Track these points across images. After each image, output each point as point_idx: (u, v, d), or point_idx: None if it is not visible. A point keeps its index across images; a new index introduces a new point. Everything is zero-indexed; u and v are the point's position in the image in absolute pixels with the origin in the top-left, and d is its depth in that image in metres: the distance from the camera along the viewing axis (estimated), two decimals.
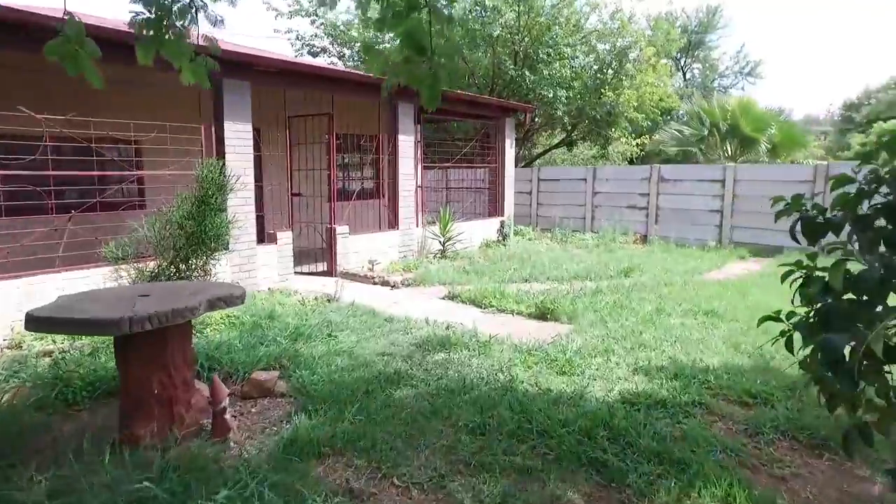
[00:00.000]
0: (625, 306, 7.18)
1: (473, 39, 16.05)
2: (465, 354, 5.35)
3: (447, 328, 6.28)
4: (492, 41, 15.47)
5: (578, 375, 4.83)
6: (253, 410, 4.11)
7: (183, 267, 6.32)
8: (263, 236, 8.43)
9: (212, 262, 6.51)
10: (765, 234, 12.52)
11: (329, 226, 9.22)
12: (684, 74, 29.92)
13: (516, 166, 15.38)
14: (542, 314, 6.86)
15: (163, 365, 3.49)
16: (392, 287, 8.58)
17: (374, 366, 4.97)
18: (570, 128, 18.11)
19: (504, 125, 12.96)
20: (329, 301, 7.50)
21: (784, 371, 4.89)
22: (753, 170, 12.99)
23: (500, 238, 12.49)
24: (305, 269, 9.61)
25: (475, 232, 12.24)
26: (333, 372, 4.77)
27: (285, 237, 8.46)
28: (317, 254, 9.61)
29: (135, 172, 7.00)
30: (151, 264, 6.16)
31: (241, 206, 7.80)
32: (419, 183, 11.11)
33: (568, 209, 15.62)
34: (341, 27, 19.13)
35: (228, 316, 6.31)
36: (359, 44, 19.47)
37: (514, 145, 13.57)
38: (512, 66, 15.72)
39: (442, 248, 10.68)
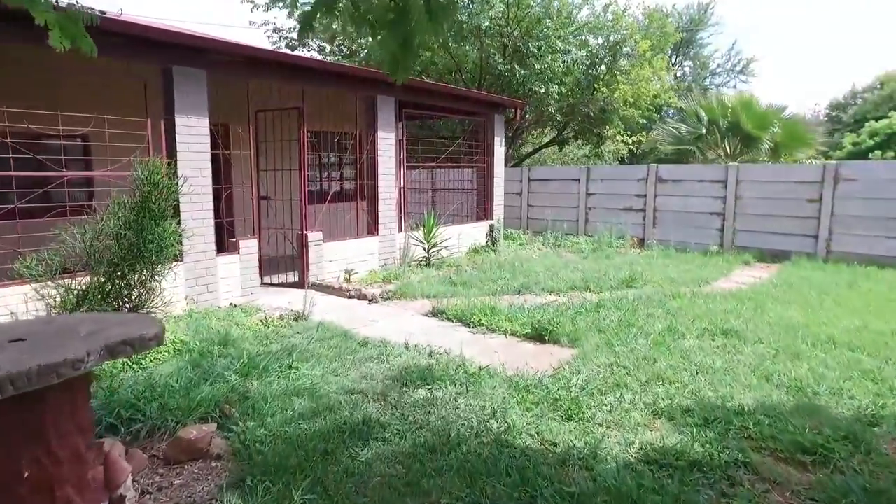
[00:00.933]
0: (632, 324, 6.34)
1: (460, 32, 15.18)
2: (450, 392, 4.47)
3: (430, 355, 5.40)
4: (480, 33, 14.60)
5: (588, 421, 3.97)
6: (176, 482, 3.19)
7: (121, 284, 5.39)
8: (226, 245, 7.48)
9: (158, 277, 5.58)
10: (770, 238, 11.79)
11: (300, 232, 8.30)
12: (675, 73, 29.28)
13: (505, 166, 14.54)
14: (540, 335, 6.00)
15: (37, 436, 2.56)
16: (370, 301, 7.68)
17: (339, 410, 4.07)
18: (561, 125, 17.31)
19: (493, 122, 12.09)
20: (296, 320, 6.58)
21: (835, 413, 4.07)
22: (757, 170, 12.24)
23: (490, 243, 11.63)
24: (275, 279, 8.68)
25: (463, 237, 11.37)
26: (288, 421, 3.86)
27: (249, 246, 7.53)
28: (288, 263, 8.69)
29: (63, 174, 6.02)
30: (85, 281, 5.22)
31: (195, 211, 6.86)
32: (402, 184, 10.22)
33: (560, 211, 14.80)
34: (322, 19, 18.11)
35: (174, 342, 5.37)
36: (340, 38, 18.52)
37: (503, 143, 12.73)
38: (501, 61, 14.87)
39: (426, 255, 9.80)
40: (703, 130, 15.51)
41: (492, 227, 11.64)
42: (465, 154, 12.17)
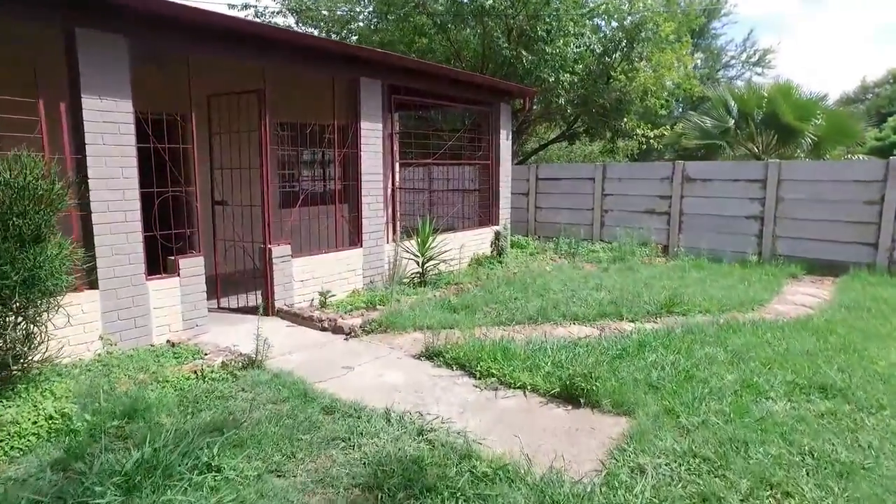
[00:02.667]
0: (692, 375, 4.73)
1: (460, 13, 13.53)
2: None
3: (420, 434, 3.79)
4: (482, 14, 12.95)
5: None
6: None
7: None
8: (162, 265, 5.85)
9: (40, 317, 3.97)
10: (819, 246, 10.17)
11: (263, 245, 6.66)
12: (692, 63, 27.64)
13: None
14: (572, 394, 4.39)
15: None
16: (347, 335, 6.05)
17: None
18: (571, 119, 15.65)
19: (499, 113, 10.46)
20: (245, 367, 4.96)
21: None
22: (804, 167, 10.61)
23: (496, 253, 10.01)
24: (234, 302, 7.05)
25: (464, 246, 9.74)
26: None
27: (194, 265, 5.89)
28: (251, 280, 7.06)
29: None
30: None
31: (115, 223, 5.23)
32: (394, 185, 8.58)
33: (572, 214, 13.16)
34: (308, 2, 16.49)
35: (52, 418, 3.75)
36: (328, 23, 16.86)
37: (510, 137, 11.09)
38: (506, 45, 13.22)
39: (421, 270, 8.18)
40: (731, 123, 13.89)
41: (497, 234, 10.03)
42: (466, 150, 10.55)
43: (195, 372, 4.72)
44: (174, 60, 5.96)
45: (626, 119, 14.37)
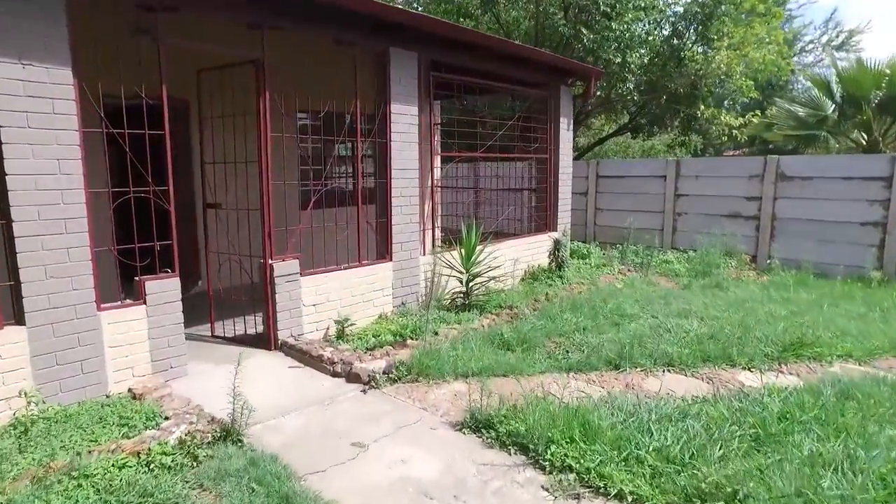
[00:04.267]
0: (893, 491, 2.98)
1: None
2: None
3: None
4: None
5: None
6: None
7: None
8: (120, 289, 4.44)
9: None
10: None
11: (262, 260, 5.20)
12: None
13: None
14: None
15: None
16: (366, 385, 4.52)
17: None
18: (636, 108, 13.73)
19: (558, 98, 8.76)
20: (217, 440, 3.49)
21: None
22: None
23: (555, 265, 8.32)
24: (230, 329, 5.63)
25: (516, 256, 8.11)
26: None
27: (164, 289, 4.47)
28: (255, 300, 5.60)
29: None
30: None
31: (51, 235, 3.84)
32: (432, 183, 7.03)
33: (639, 217, 11.28)
34: None
35: None
36: None
37: (571, 127, 9.37)
38: (563, 22, 11.46)
39: (465, 289, 6.57)
40: (829, 110, 11.76)
41: (557, 242, 8.34)
42: (518, 142, 8.89)
43: (138, 454, 3.26)
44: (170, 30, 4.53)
45: (702, 107, 12.37)
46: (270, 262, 5.18)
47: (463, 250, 6.62)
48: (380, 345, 5.21)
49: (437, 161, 7.18)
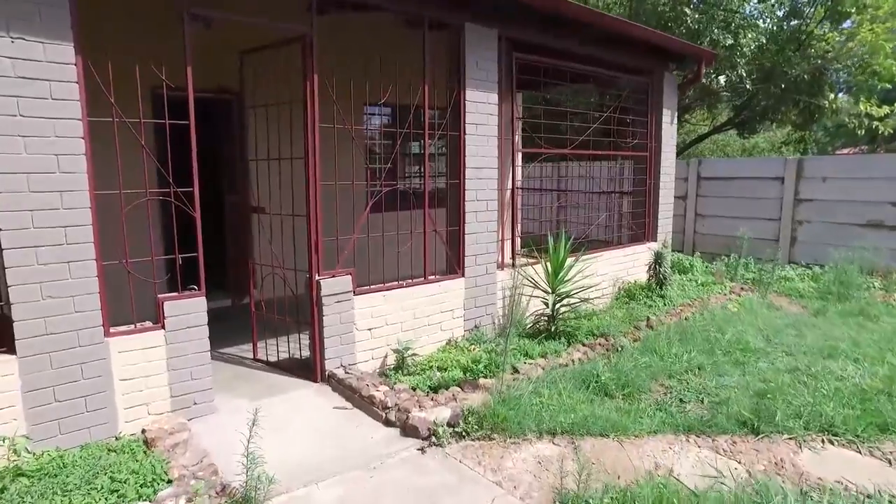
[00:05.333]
0: None
1: None
2: None
3: None
4: None
5: None
6: None
7: None
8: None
9: None
10: None
11: (309, 275, 4.36)
12: None
13: None
14: None
15: None
16: (425, 442, 3.55)
17: None
18: (748, 97, 11.99)
19: (661, 85, 7.48)
20: None
21: None
22: None
23: (655, 282, 7.05)
24: (275, 351, 4.84)
25: (608, 271, 6.92)
26: None
27: (187, 310, 3.71)
28: (300, 321, 4.77)
29: None
30: None
31: (47, 246, 3.15)
32: (513, 185, 6.01)
33: (747, 225, 9.66)
34: None
35: None
36: None
37: (675, 120, 8.04)
38: (664, 0, 10.08)
39: (551, 312, 5.48)
40: None
41: (659, 256, 7.05)
42: (611, 138, 7.67)
43: None
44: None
45: (831, 95, 10.54)
46: (317, 277, 4.33)
47: (549, 265, 5.54)
48: (445, 383, 4.24)
49: (518, 158, 6.13)
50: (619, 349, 5.07)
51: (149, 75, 3.53)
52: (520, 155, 6.06)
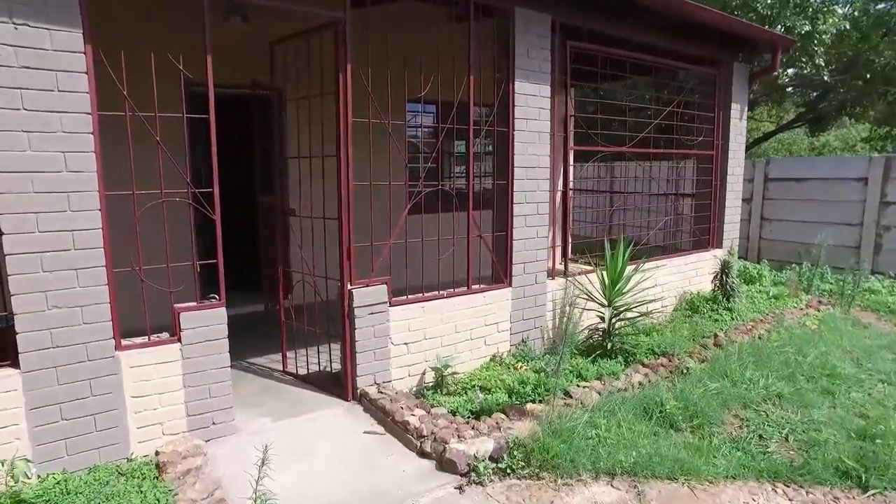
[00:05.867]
0: None
1: None
2: None
3: None
4: None
5: None
6: None
7: None
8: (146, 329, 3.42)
9: None
10: None
11: (340, 285, 3.99)
12: None
13: None
14: None
15: None
16: (462, 480, 3.11)
17: None
18: (827, 88, 11.00)
19: (730, 77, 6.81)
20: None
21: None
22: None
23: (721, 293, 6.39)
24: (304, 363, 4.51)
25: (668, 280, 6.33)
26: None
27: (205, 321, 3.40)
28: (331, 331, 4.41)
29: None
30: None
31: (52, 252, 2.88)
32: (565, 186, 5.52)
33: (822, 231, 8.80)
34: None
35: None
36: None
37: (745, 116, 7.32)
38: None
39: (606, 327, 4.94)
40: None
41: (726, 265, 6.38)
42: (671, 135, 7.04)
43: None
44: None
45: None
46: (349, 287, 3.97)
47: (605, 274, 5.01)
48: (489, 408, 3.79)
49: (570, 157, 5.62)
50: (685, 371, 4.50)
51: (186, 70, 3.27)
52: (571, 152, 5.54)
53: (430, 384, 4.34)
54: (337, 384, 4.21)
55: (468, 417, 3.72)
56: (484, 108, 4.81)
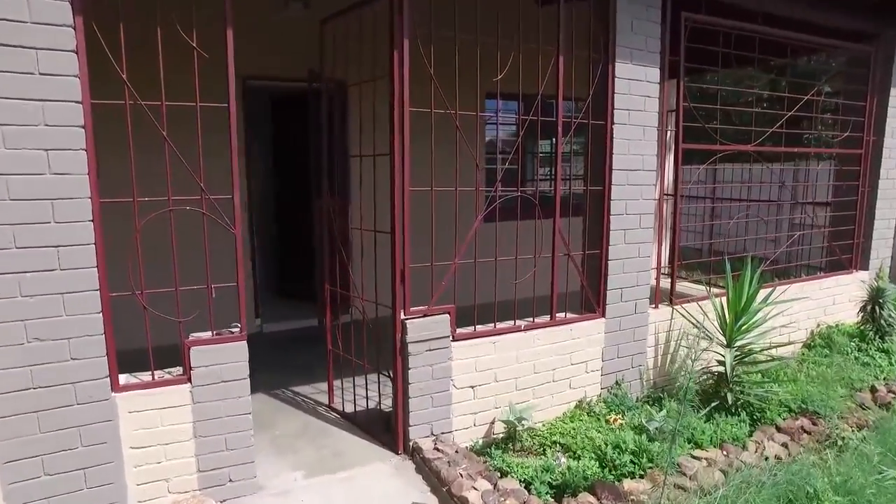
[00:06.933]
0: None
1: None
2: None
3: None
4: None
5: None
6: None
7: None
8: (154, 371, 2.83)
9: None
10: None
11: (394, 313, 3.25)
12: None
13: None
14: None
15: None
16: None
17: None
18: None
19: (889, 56, 5.47)
20: None
21: None
22: None
23: (871, 327, 5.11)
24: (350, 397, 3.82)
25: (798, 308, 5.13)
26: None
27: (220, 359, 2.76)
28: (381, 362, 3.69)
29: None
30: None
31: (34, 272, 2.34)
32: (676, 192, 4.53)
33: None
34: None
35: None
36: None
37: None
38: None
39: (725, 372, 3.89)
40: None
41: (878, 292, 5.07)
42: (805, 130, 5.78)
43: None
44: None
45: None
46: (402, 316, 3.23)
47: (724, 303, 3.98)
48: (573, 482, 2.92)
49: (679, 158, 4.59)
50: (839, 442, 3.41)
51: (241, 64, 2.68)
52: (679, 148, 4.51)
53: (500, 436, 3.53)
54: (388, 429, 3.49)
55: (545, 496, 2.87)
56: (572, 103, 3.91)
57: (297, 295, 6.44)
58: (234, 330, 2.82)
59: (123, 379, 2.67)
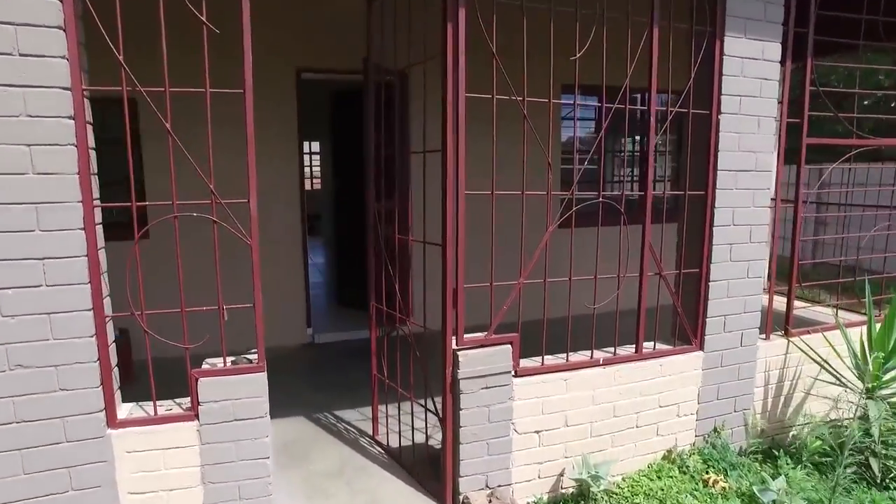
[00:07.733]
0: None
1: None
2: None
3: None
4: None
5: None
6: None
7: None
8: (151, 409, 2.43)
9: None
10: None
11: (443, 340, 2.72)
12: None
13: None
14: None
15: None
16: None
17: None
18: None
19: None
20: None
21: None
22: None
23: None
24: (396, 429, 3.32)
25: None
26: None
27: (233, 393, 2.33)
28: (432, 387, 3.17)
29: None
30: None
31: (17, 289, 1.99)
32: (798, 196, 3.73)
33: None
34: None
35: None
36: None
37: None
38: None
39: (867, 426, 3.08)
40: None
41: None
42: None
43: None
44: None
45: None
46: (454, 346, 2.69)
47: (866, 338, 3.16)
48: None
49: (802, 157, 3.75)
50: None
51: (295, 57, 2.27)
52: (801, 149, 3.69)
53: (570, 491, 2.92)
54: (435, 475, 2.96)
55: None
56: (665, 96, 3.21)
57: (356, 304, 6.05)
58: (251, 358, 2.39)
59: (126, 410, 2.30)
